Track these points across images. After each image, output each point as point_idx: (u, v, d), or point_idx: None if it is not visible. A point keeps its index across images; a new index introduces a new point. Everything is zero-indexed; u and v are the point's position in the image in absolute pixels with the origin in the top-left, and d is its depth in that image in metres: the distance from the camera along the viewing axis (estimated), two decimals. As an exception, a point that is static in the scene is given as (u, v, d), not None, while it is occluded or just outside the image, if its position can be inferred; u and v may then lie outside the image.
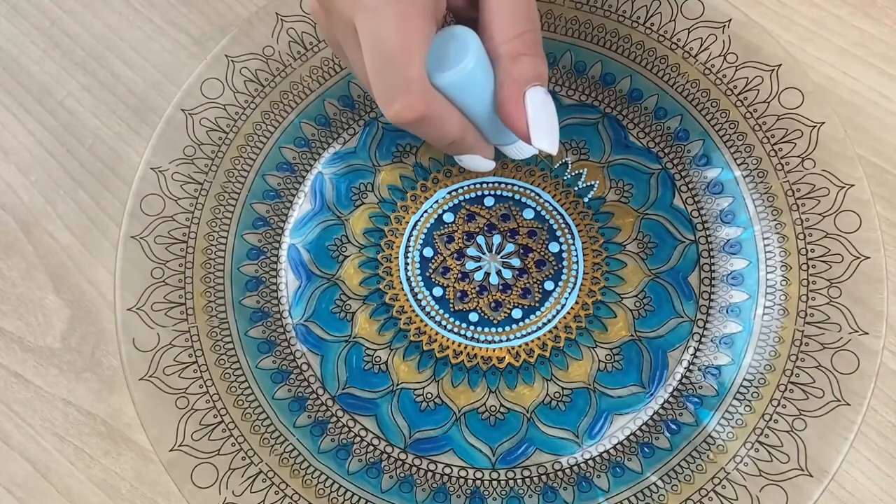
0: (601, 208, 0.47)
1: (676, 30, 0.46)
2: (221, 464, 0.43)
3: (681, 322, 0.45)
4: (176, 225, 0.46)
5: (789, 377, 0.43)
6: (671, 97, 0.47)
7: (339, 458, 0.44)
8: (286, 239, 0.48)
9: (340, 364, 0.46)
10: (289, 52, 0.48)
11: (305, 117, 0.49)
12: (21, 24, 0.55)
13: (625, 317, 0.46)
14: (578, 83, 0.49)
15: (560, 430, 0.44)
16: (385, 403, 0.45)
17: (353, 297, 0.47)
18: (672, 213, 0.47)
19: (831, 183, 0.44)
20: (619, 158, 0.48)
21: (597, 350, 0.45)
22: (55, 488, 0.48)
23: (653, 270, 0.46)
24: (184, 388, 0.44)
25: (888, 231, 0.47)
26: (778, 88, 0.45)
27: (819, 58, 0.51)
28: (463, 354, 0.46)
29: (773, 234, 0.45)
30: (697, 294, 0.45)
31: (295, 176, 0.49)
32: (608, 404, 0.44)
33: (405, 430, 0.45)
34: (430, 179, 0.48)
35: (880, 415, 0.45)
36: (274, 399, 0.45)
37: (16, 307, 0.51)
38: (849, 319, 0.42)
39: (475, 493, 0.44)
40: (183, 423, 0.43)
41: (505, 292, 0.46)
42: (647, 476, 0.43)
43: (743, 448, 0.42)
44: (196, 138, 0.47)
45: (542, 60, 0.38)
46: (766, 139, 0.45)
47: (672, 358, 0.45)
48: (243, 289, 0.47)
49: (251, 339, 0.46)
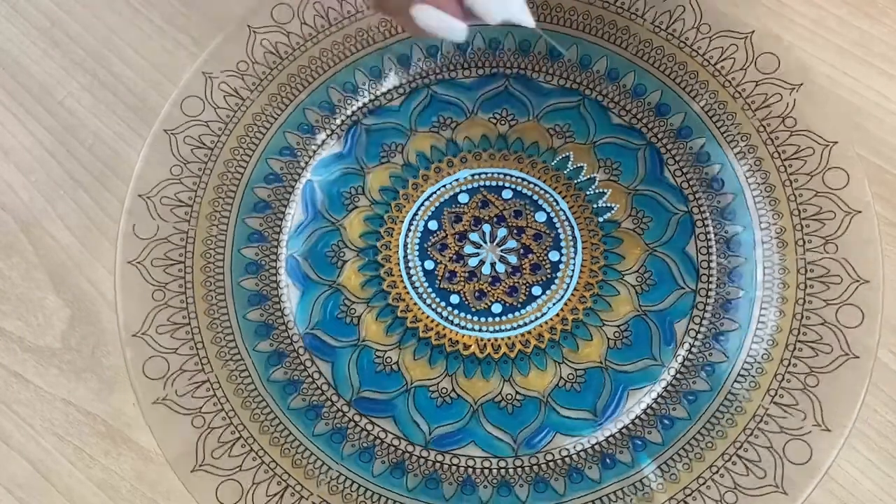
0: (594, 188, 0.47)
1: (647, 5, 0.47)
2: (245, 480, 0.42)
3: (684, 293, 0.46)
4: (171, 246, 0.46)
5: (797, 336, 0.43)
6: (650, 74, 0.48)
7: (363, 461, 0.44)
8: (283, 250, 0.48)
9: (352, 369, 0.46)
10: (264, 64, 0.48)
11: (288, 127, 0.49)
12: (21, 24, 0.55)
13: (628, 293, 0.46)
14: (556, 67, 0.49)
15: (578, 410, 0.44)
16: (401, 403, 0.45)
17: (357, 301, 0.47)
18: (663, 186, 0.47)
19: (815, 142, 0.45)
20: (605, 138, 0.48)
21: (605, 329, 0.46)
22: (55, 488, 0.47)
23: (650, 245, 0.46)
24: (198, 408, 0.43)
25: (888, 231, 0.48)
26: (754, 55, 0.46)
27: (819, 58, 0.51)
28: (473, 346, 0.46)
29: (764, 198, 0.45)
30: (697, 263, 0.46)
31: (284, 186, 0.48)
32: (622, 380, 0.45)
33: (424, 428, 0.45)
34: (419, 177, 0.48)
35: (880, 415, 0.46)
36: (290, 410, 0.45)
37: (16, 307, 0.50)
38: (849, 271, 0.43)
39: (502, 482, 0.44)
40: (202, 442, 0.43)
41: (517, 274, 0.46)
42: (669, 447, 0.43)
43: (760, 408, 0.43)
44: (181, 157, 0.47)
45: None
46: (746, 106, 0.46)
47: (679, 328, 0.45)
48: (246, 304, 0.46)
49: (259, 353, 0.45)
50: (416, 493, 0.43)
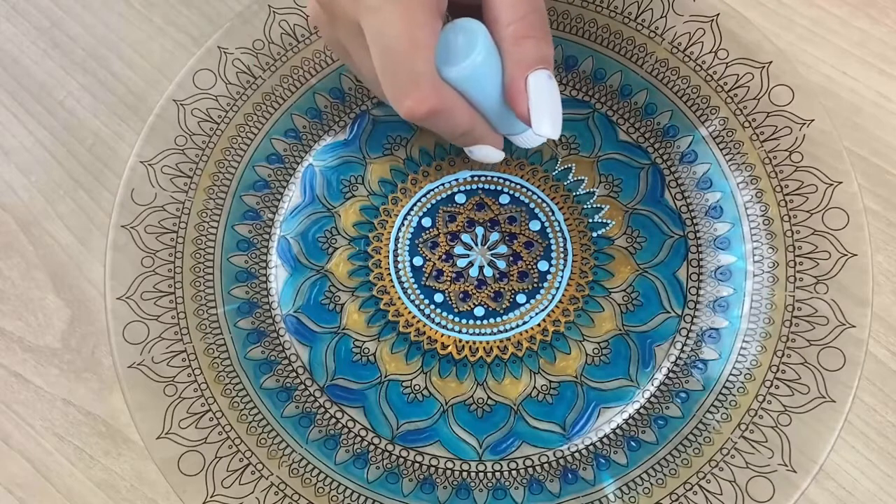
0: (591, 203, 0.47)
1: (668, 25, 0.47)
2: (208, 452, 0.43)
3: (668, 317, 0.45)
4: (166, 215, 0.46)
5: (775, 373, 0.43)
6: (662, 94, 0.47)
7: (327, 448, 0.44)
8: (276, 230, 0.48)
9: (329, 355, 0.46)
10: (280, 45, 0.48)
11: (297, 109, 0.49)
12: (21, 24, 0.55)
13: (612, 311, 0.46)
14: (569, 78, 0.49)
15: (547, 422, 0.44)
16: (373, 395, 0.45)
17: (342, 289, 0.47)
18: (661, 208, 0.47)
19: (819, 180, 0.44)
20: (610, 154, 0.48)
21: (584, 343, 0.45)
22: (55, 488, 0.48)
23: (641, 265, 0.46)
24: (172, 377, 0.44)
25: (888, 231, 0.47)
26: (768, 86, 0.45)
27: (819, 58, 0.51)
28: (451, 347, 0.46)
29: (762, 231, 0.45)
30: (685, 289, 0.46)
31: (285, 167, 0.49)
32: (595, 397, 0.45)
33: (393, 422, 0.45)
34: (420, 173, 0.48)
35: (880, 415, 0.45)
36: (262, 389, 0.45)
37: (16, 307, 0.51)
38: (836, 313, 0.42)
39: (462, 484, 0.44)
40: (171, 411, 0.43)
41: (503, 280, 0.46)
42: (632, 469, 0.43)
43: (729, 441, 0.42)
44: (187, 129, 0.47)
45: (546, 43, 0.38)
46: (755, 136, 0.46)
47: (659, 352, 0.45)
48: (233, 279, 0.47)
49: (240, 329, 0.46)
50: (375, 486, 0.43)
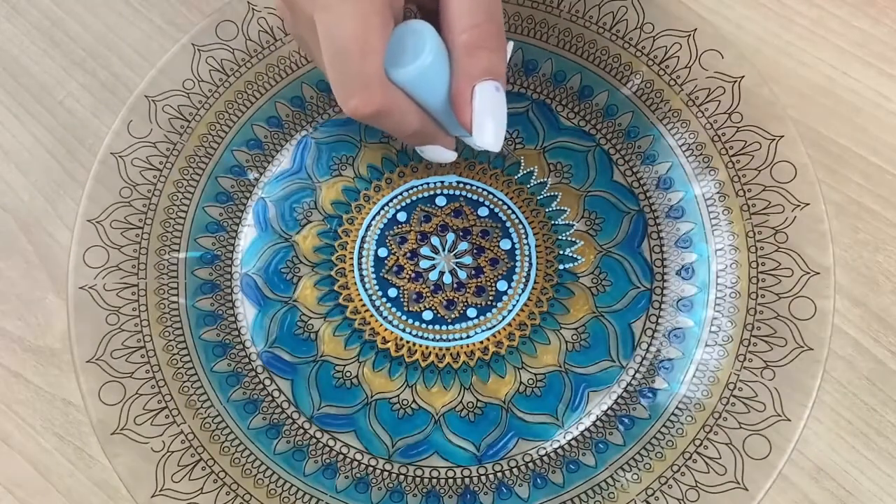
0: (545, 192, 0.48)
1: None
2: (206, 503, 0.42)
3: (639, 292, 0.46)
4: (123, 273, 0.45)
5: (751, 331, 0.44)
6: (597, 75, 0.48)
7: (326, 477, 0.44)
8: (237, 268, 0.47)
9: (312, 385, 0.45)
10: (210, 81, 0.48)
11: (235, 145, 0.48)
12: (21, 24, 0.55)
13: (584, 295, 0.46)
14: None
15: (539, 415, 0.45)
16: (362, 417, 0.45)
17: (314, 317, 0.46)
18: (613, 186, 0.47)
19: (761, 137, 0.45)
20: (555, 142, 0.48)
21: (562, 332, 0.46)
22: (55, 488, 0.47)
23: (604, 246, 0.47)
24: (159, 435, 0.43)
25: (888, 231, 0.48)
26: (697, 52, 0.46)
27: (819, 58, 0.51)
28: (432, 356, 0.46)
29: (715, 195, 0.46)
30: (650, 262, 0.46)
31: (235, 204, 0.48)
32: (582, 381, 0.45)
33: (387, 440, 0.45)
34: (372, 188, 0.48)
35: (880, 415, 0.46)
36: (250, 429, 0.44)
37: (16, 307, 0.50)
38: (799, 263, 0.43)
39: (466, 490, 0.44)
40: (161, 467, 0.42)
41: (459, 290, 0.46)
42: (630, 447, 0.44)
43: (720, 403, 0.43)
44: (130, 180, 0.46)
45: (497, 55, 0.38)
46: (691, 101, 0.46)
47: (636, 328, 0.46)
48: (201, 324, 0.46)
49: (217, 373, 0.45)
50: (381, 507, 0.43)
